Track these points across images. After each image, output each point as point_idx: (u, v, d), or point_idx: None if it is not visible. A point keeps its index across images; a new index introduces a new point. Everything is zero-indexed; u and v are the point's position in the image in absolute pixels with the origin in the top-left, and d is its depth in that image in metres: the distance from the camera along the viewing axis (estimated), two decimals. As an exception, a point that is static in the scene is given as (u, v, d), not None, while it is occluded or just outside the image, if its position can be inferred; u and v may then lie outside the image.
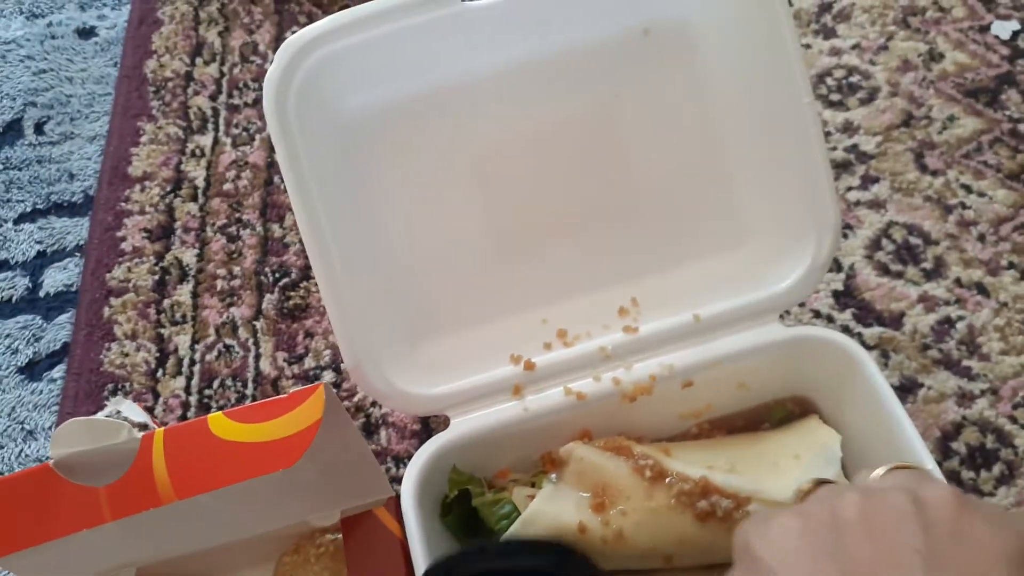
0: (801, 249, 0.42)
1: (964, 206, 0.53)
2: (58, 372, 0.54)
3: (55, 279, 0.58)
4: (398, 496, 0.41)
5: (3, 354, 0.56)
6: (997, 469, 0.44)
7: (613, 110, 0.43)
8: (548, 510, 0.39)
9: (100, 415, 0.31)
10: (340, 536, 0.42)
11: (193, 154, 0.60)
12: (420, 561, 0.38)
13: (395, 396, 0.42)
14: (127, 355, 0.53)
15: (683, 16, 0.43)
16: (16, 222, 0.61)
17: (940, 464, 0.45)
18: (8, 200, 0.62)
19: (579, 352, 0.43)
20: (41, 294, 0.58)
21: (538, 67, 0.42)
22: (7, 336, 0.56)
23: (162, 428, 0.31)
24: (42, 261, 0.59)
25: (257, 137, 0.61)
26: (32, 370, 0.55)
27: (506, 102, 0.43)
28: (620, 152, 0.44)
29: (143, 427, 0.32)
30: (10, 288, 0.58)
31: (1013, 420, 0.46)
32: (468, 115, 0.42)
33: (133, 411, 0.31)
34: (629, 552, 0.38)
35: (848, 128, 0.56)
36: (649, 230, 0.44)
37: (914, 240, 0.52)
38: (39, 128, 0.65)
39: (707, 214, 0.44)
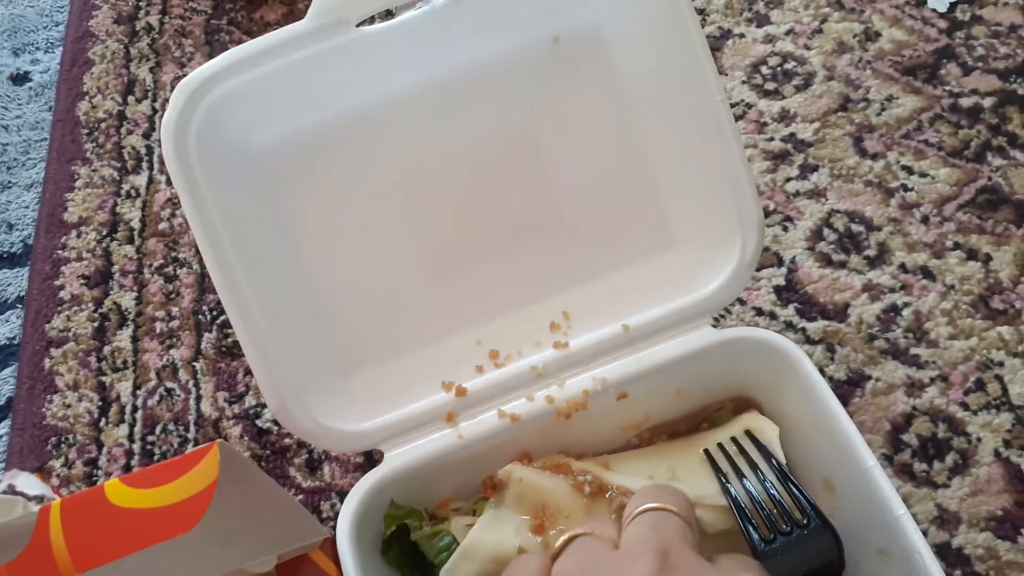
0: (727, 249, 0.41)
1: (906, 188, 0.52)
2: (3, 428, 0.53)
3: (-2, 333, 0.58)
4: (335, 536, 0.40)
5: (-52, 414, 0.55)
6: (950, 459, 0.43)
7: (530, 122, 0.42)
8: (487, 537, 0.38)
9: (-7, 489, 0.30)
10: (280, 581, 0.41)
11: (128, 195, 0.60)
12: (357, 601, 0.38)
13: (325, 435, 0.41)
14: (69, 406, 0.52)
15: (592, 22, 0.42)
16: (-44, 278, 0.60)
17: (891, 459, 0.44)
18: (-52, 256, 0.62)
19: (510, 373, 0.42)
20: (-16, 349, 0.57)
21: (448, 84, 0.41)
22: (-49, 395, 0.56)
23: (58, 500, 0.30)
24: (-16, 315, 0.59)
25: (191, 173, 0.60)
26: (-22, 428, 0.54)
27: (420, 122, 0.42)
28: (541, 164, 0.43)
29: (40, 500, 0.31)
30: (-47, 346, 0.58)
31: (964, 407, 0.44)
32: (382, 139, 0.42)
33: (30, 483, 0.31)
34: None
35: (785, 117, 0.55)
36: (575, 241, 0.43)
37: (856, 227, 0.51)
38: (-24, 179, 0.65)
39: (632, 221, 0.43)
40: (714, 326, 0.42)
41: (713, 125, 0.40)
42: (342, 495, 0.47)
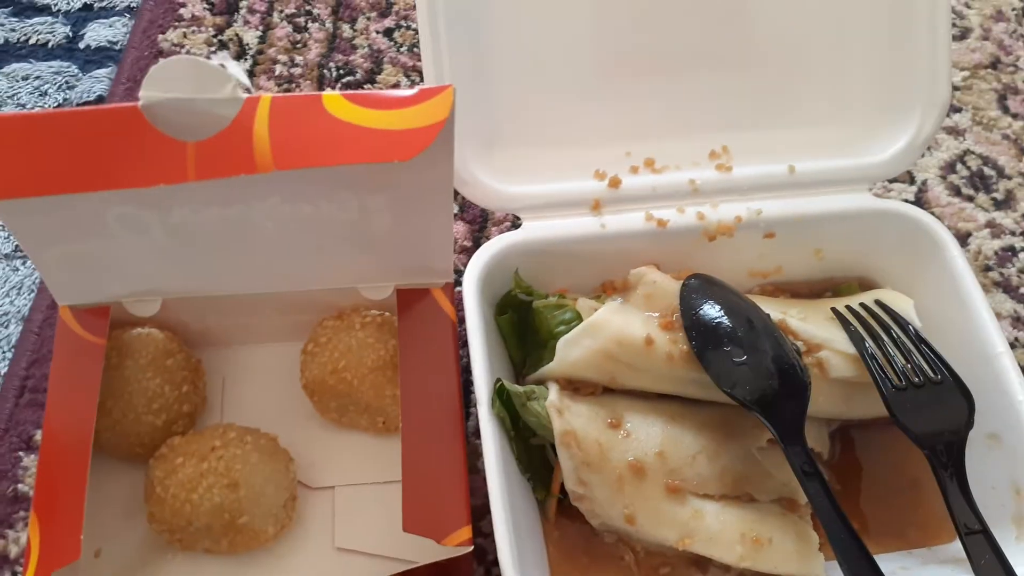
0: (905, 123, 0.41)
1: (1040, 151, 0.53)
2: (88, 123, 0.50)
3: (98, 34, 0.54)
4: (455, 284, 0.39)
5: (30, 95, 0.51)
6: (1040, 391, 0.44)
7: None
8: (615, 319, 0.38)
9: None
10: (386, 313, 0.39)
11: (270, -60, 0.57)
12: (477, 342, 0.36)
13: (473, 185, 0.40)
14: (170, 117, 0.49)
15: None
16: (64, -30, 0.57)
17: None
18: (59, -54, 0.58)
19: (667, 180, 0.41)
20: (81, 45, 0.54)
21: None
22: (37, 78, 0.52)
23: (269, 95, 0.28)
24: (87, 15, 0.55)
25: (340, -61, 0.57)
26: (59, 117, 0.51)
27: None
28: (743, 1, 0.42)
29: (247, 90, 0.29)
30: (48, 33, 0.54)
31: (1062, 350, 0.46)
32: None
33: (239, 73, 0.28)
34: (691, 376, 0.37)
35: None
36: (757, 82, 0.42)
37: (988, 171, 0.52)
38: None
39: (818, 76, 0.42)
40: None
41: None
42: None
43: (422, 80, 0.39)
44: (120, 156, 0.28)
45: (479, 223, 0.48)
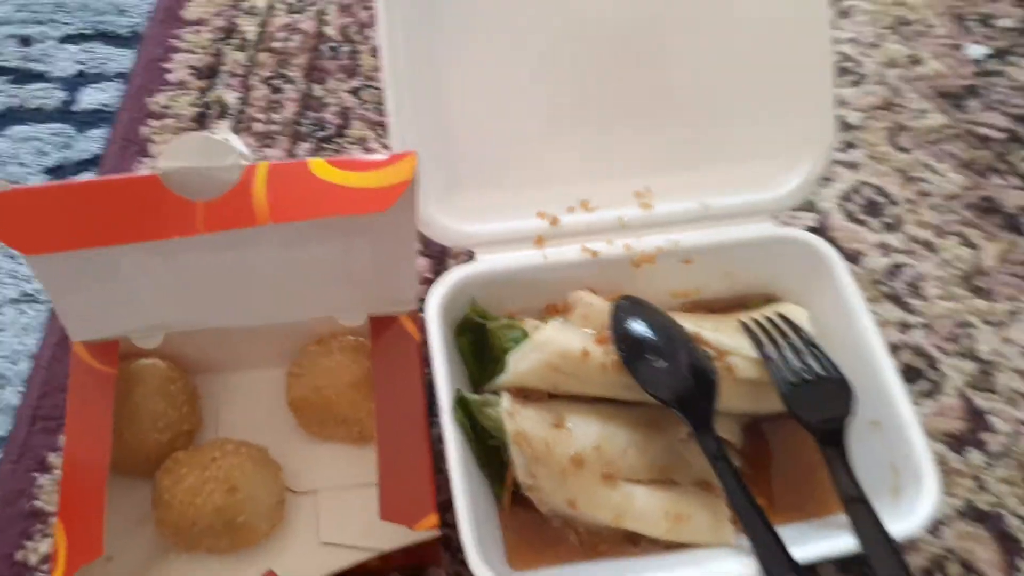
0: (799, 161, 0.49)
1: (924, 180, 0.61)
2: (85, 178, 0.56)
3: (93, 98, 0.60)
4: (419, 310, 0.45)
5: (31, 155, 0.57)
6: (923, 385, 0.52)
7: (660, 16, 0.48)
8: (557, 336, 0.44)
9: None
10: (360, 338, 0.45)
11: (248, 12, 0.64)
12: (439, 360, 0.43)
13: (432, 226, 0.47)
14: (161, 171, 0.55)
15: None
16: (60, 41, 0.63)
17: (879, 372, 0.52)
18: (54, 20, 0.64)
19: (599, 217, 0.49)
20: (76, 109, 0.60)
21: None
22: (37, 139, 0.58)
23: (266, 162, 0.34)
24: (81, 80, 0.61)
25: (311, 8, 0.64)
26: (58, 173, 0.57)
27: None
28: (664, 56, 0.49)
29: (244, 158, 0.35)
30: (46, 98, 0.60)
31: (941, 349, 0.53)
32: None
33: (237, 143, 0.35)
34: (622, 381, 0.43)
35: (838, 103, 0.64)
36: (672, 132, 0.50)
37: (879, 199, 0.60)
38: (92, -37, 0.67)
39: (725, 124, 0.49)
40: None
41: (816, 61, 0.48)
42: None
43: (386, 133, 0.45)
44: (139, 214, 0.34)
45: (439, 257, 0.55)
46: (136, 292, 0.40)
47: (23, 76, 0.61)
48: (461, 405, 0.42)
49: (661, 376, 0.43)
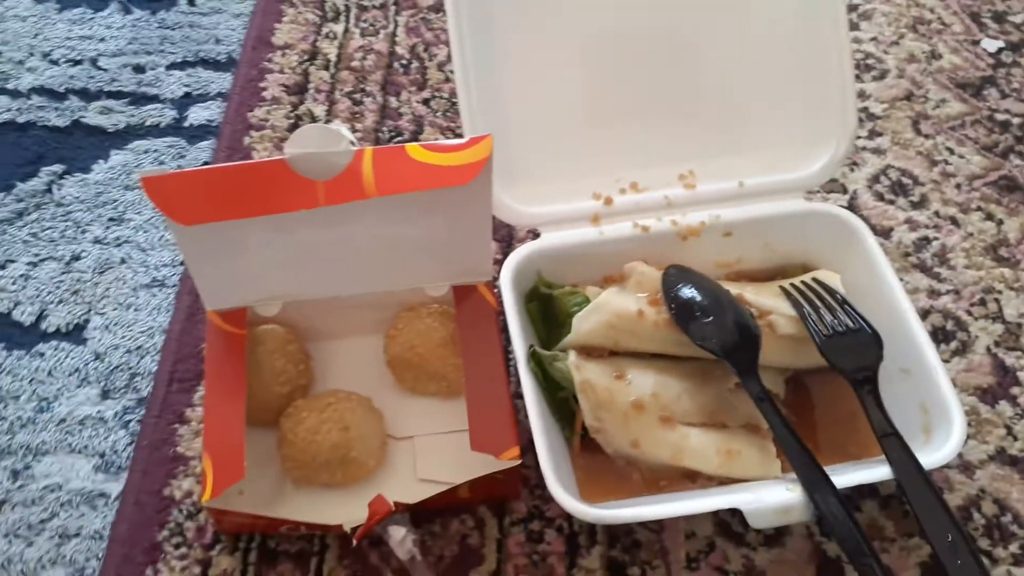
0: (825, 145, 0.55)
1: (947, 163, 0.66)
2: (198, 183, 0.64)
3: (199, 115, 0.69)
4: (493, 281, 0.52)
5: (151, 164, 0.66)
6: (954, 344, 0.57)
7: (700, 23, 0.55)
8: (615, 300, 0.51)
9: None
10: (445, 306, 0.52)
11: (327, 36, 0.72)
12: (513, 322, 0.49)
13: (503, 208, 0.54)
14: (262, 175, 0.63)
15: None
16: (168, 68, 0.72)
17: (909, 333, 0.57)
18: (162, 50, 0.73)
19: (648, 197, 0.55)
20: (186, 124, 0.68)
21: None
22: (155, 151, 0.67)
23: (371, 147, 0.42)
24: (188, 100, 0.70)
25: (382, 32, 0.73)
26: (173, 180, 0.65)
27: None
28: (700, 58, 0.55)
29: (353, 144, 0.42)
30: (160, 116, 0.69)
31: (969, 313, 0.58)
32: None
33: (347, 132, 0.42)
34: (673, 337, 0.49)
35: (862, 96, 0.70)
36: (712, 121, 0.56)
37: (905, 180, 0.65)
38: (191, 1, 0.77)
39: (758, 113, 0.56)
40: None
41: (836, 57, 0.54)
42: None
43: (454, 136, 0.53)
44: (269, 192, 0.42)
45: (507, 241, 0.62)
46: (260, 265, 0.48)
47: (139, 99, 0.70)
48: (534, 358, 0.49)
49: (709, 330, 0.48)
